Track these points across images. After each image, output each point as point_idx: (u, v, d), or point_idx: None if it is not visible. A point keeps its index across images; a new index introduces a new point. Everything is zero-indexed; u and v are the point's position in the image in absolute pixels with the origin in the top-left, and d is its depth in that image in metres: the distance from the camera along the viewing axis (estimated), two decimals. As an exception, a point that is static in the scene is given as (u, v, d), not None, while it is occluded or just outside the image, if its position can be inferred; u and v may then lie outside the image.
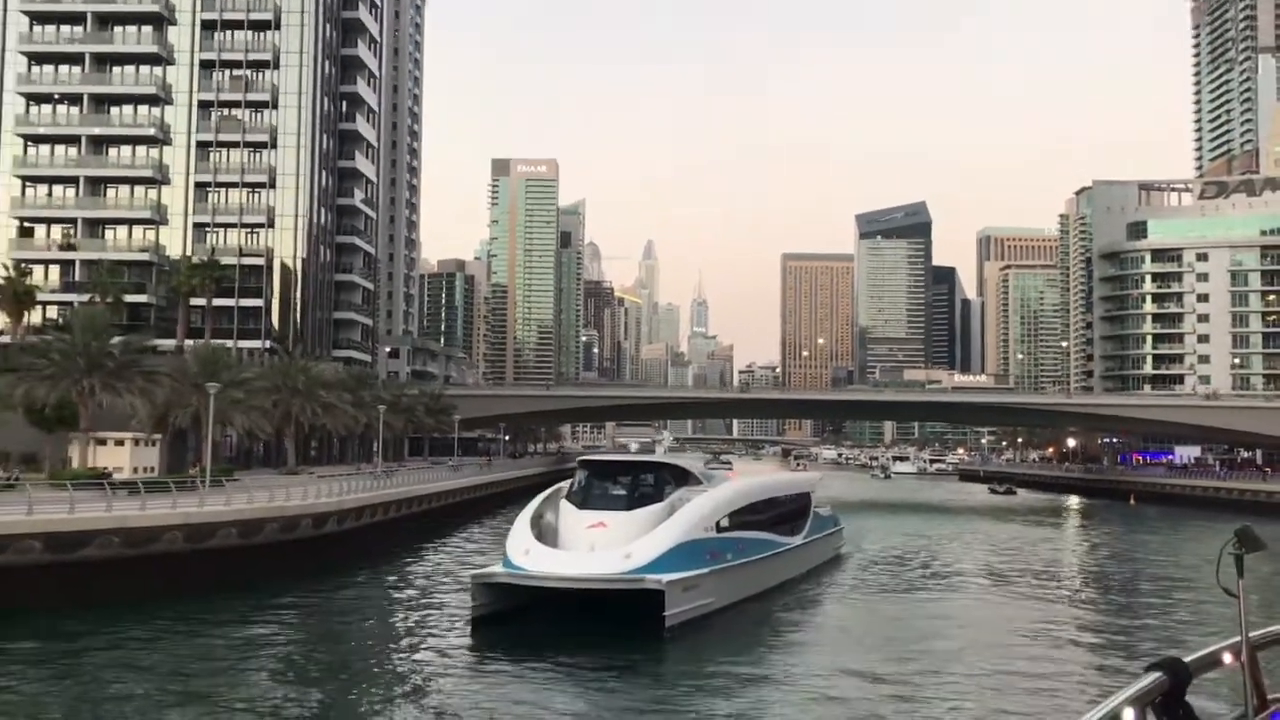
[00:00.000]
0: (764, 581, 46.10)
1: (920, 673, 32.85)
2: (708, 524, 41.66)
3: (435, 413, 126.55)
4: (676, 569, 37.27)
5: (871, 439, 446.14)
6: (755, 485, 54.04)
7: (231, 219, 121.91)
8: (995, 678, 32.58)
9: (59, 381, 60.40)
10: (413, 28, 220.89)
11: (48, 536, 45.96)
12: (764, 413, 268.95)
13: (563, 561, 38.36)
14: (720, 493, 45.65)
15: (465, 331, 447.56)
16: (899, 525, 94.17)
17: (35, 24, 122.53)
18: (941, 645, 38.25)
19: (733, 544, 43.09)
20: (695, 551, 39.34)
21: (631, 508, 41.32)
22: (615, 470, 46.33)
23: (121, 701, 29.47)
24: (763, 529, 48.20)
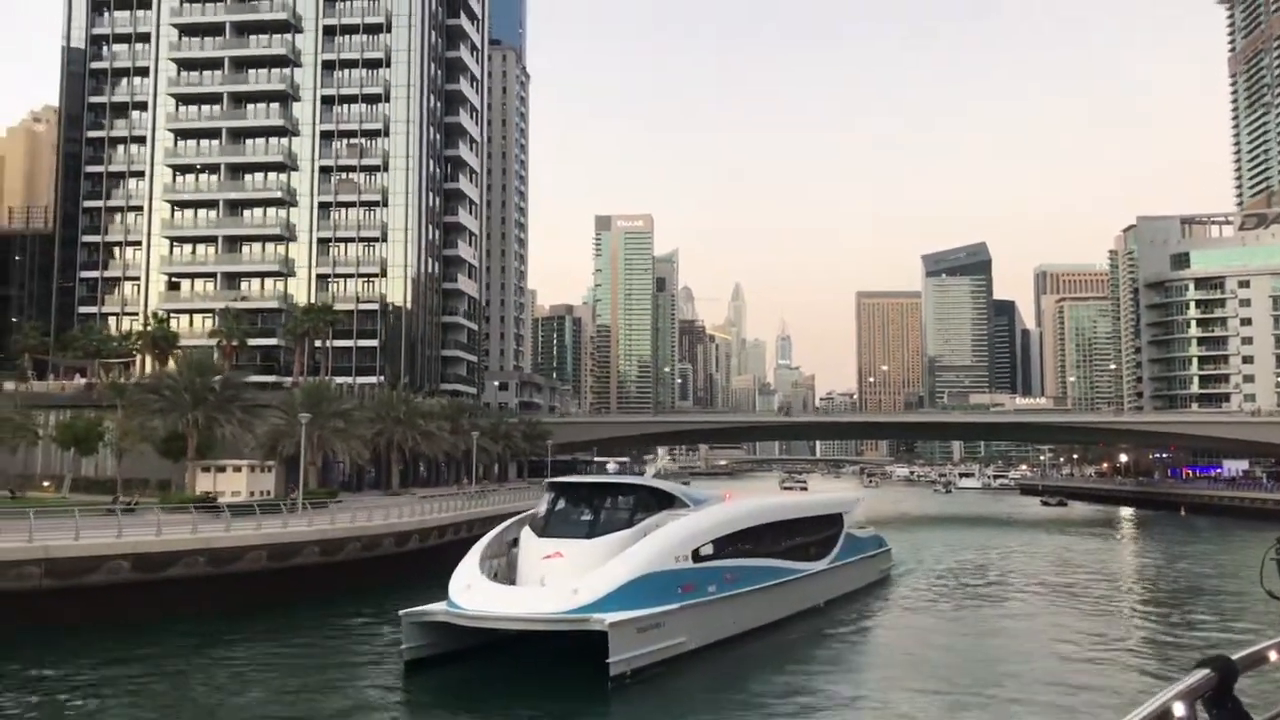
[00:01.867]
0: (767, 614, 36.87)
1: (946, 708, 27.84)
2: (681, 552, 32.31)
3: (531, 439, 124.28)
4: (633, 605, 28.98)
5: (941, 457, 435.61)
6: (755, 508, 41.73)
7: (349, 270, 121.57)
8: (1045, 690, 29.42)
9: (168, 415, 59.00)
10: (518, 100, 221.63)
11: (136, 557, 44.00)
12: (834, 434, 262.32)
13: (502, 599, 30.48)
14: (703, 518, 35.56)
15: (574, 367, 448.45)
16: (954, 538, 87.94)
17: (180, 105, 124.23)
18: (979, 669, 32.35)
19: (716, 574, 33.62)
20: (661, 585, 30.55)
21: (594, 535, 32.73)
22: (584, 493, 36.51)
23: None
24: (767, 556, 38.53)
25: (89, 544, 43.36)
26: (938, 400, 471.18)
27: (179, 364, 62.54)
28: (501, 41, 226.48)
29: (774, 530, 40.39)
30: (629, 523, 33.41)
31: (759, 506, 42.81)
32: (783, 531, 41.26)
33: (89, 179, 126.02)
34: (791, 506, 46.88)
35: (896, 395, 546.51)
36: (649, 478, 47.28)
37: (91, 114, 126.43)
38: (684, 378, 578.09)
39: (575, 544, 32.16)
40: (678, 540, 32.60)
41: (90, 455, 79.02)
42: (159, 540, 45.19)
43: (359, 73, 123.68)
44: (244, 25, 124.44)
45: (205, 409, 58.94)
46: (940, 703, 27.77)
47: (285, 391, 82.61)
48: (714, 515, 36.58)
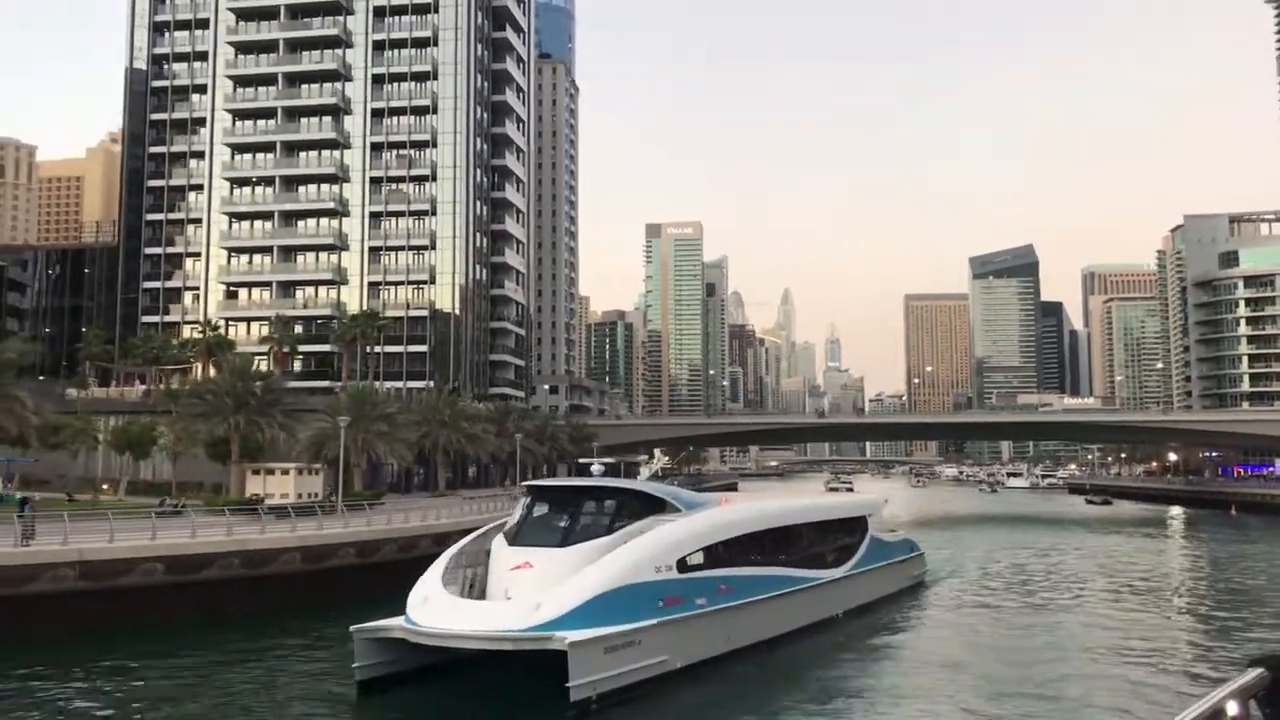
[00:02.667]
0: (771, 628, 32.55)
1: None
2: (664, 562, 28.21)
3: (577, 441, 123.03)
4: (602, 622, 25.26)
5: (990, 457, 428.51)
6: (757, 513, 36.66)
7: (400, 277, 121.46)
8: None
9: (210, 419, 58.53)
10: (567, 112, 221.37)
11: (170, 559, 43.21)
12: (876, 435, 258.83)
13: (458, 614, 26.43)
14: (693, 524, 31.05)
15: (626, 371, 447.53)
16: (998, 538, 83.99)
17: (236, 120, 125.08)
18: (1015, 673, 29.69)
19: (708, 585, 29.46)
20: (639, 598, 26.65)
21: (567, 543, 28.71)
22: (562, 497, 32.57)
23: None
24: (773, 564, 34.19)
25: (122, 546, 42.59)
26: (986, 401, 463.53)
27: (222, 369, 62.13)
28: (551, 55, 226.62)
29: (781, 536, 35.89)
30: (608, 529, 29.14)
31: (763, 511, 37.58)
32: (792, 537, 36.77)
33: (151, 193, 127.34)
34: (804, 510, 41.42)
35: (945, 396, 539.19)
36: (641, 480, 41.08)
37: (153, 131, 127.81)
38: (734, 381, 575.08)
39: (546, 553, 28.13)
40: (660, 549, 28.35)
41: (145, 459, 79.25)
42: (193, 542, 44.37)
43: (408, 85, 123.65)
44: (296, 42, 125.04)
45: (247, 413, 58.35)
46: (971, 706, 25.79)
47: (333, 396, 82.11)
48: (706, 521, 32.00)
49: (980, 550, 70.50)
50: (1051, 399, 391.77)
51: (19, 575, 39.17)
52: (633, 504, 31.14)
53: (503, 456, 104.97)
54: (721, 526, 32.43)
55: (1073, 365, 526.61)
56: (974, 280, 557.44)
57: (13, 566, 39.14)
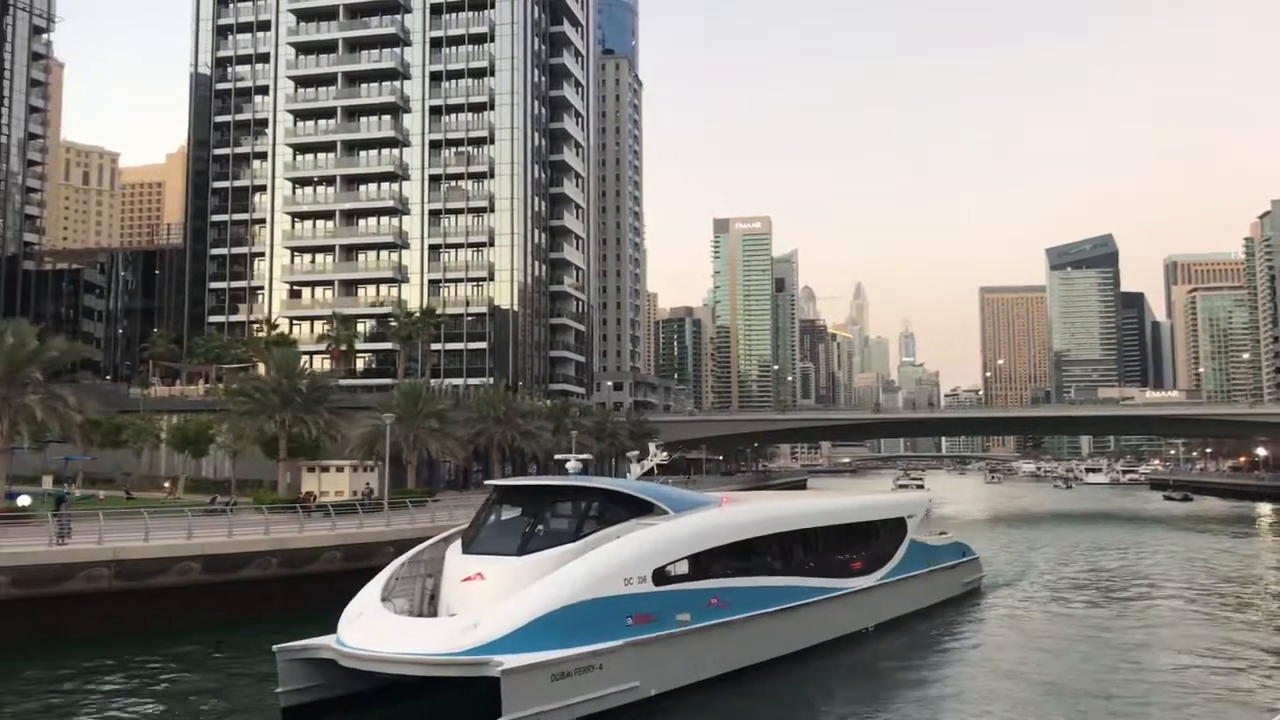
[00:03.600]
0: (779, 645, 28.66)
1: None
2: (635, 573, 24.19)
3: (638, 437, 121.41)
4: (552, 643, 21.71)
5: (1069, 452, 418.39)
6: (761, 516, 31.67)
7: (459, 275, 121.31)
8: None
9: (256, 416, 58.28)
10: (631, 108, 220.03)
11: (206, 559, 42.64)
12: (948, 430, 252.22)
13: (387, 633, 22.68)
14: (678, 528, 26.72)
15: (695, 368, 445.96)
16: (1069, 536, 79.55)
17: (297, 120, 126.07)
18: (1073, 693, 26.49)
19: (693, 599, 25.55)
20: (602, 616, 22.98)
21: (525, 551, 24.79)
22: (529, 498, 28.32)
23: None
24: (782, 573, 30.08)
25: (158, 545, 42.10)
26: (1065, 395, 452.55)
27: (269, 367, 62.13)
28: (614, 51, 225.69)
29: (794, 542, 31.55)
30: (574, 535, 25.25)
31: (772, 513, 32.66)
32: (808, 543, 32.32)
33: (216, 195, 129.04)
34: (824, 512, 35.64)
35: (1022, 390, 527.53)
36: (629, 479, 35.52)
37: (218, 133, 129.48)
38: (805, 377, 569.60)
39: (500, 563, 24.31)
40: (632, 558, 24.37)
41: (202, 457, 79.80)
42: (229, 541, 43.74)
43: (465, 82, 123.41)
44: (355, 41, 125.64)
45: (292, 410, 57.95)
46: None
47: (386, 393, 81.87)
48: (697, 525, 27.53)
49: (1048, 550, 66.41)
50: (1133, 392, 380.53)
51: (53, 574, 38.80)
52: (611, 506, 26.88)
53: (557, 452, 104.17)
54: (716, 531, 28.05)
55: (1155, 358, 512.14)
56: (1051, 271, 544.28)
57: (46, 565, 38.80)
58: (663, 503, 27.86)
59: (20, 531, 42.44)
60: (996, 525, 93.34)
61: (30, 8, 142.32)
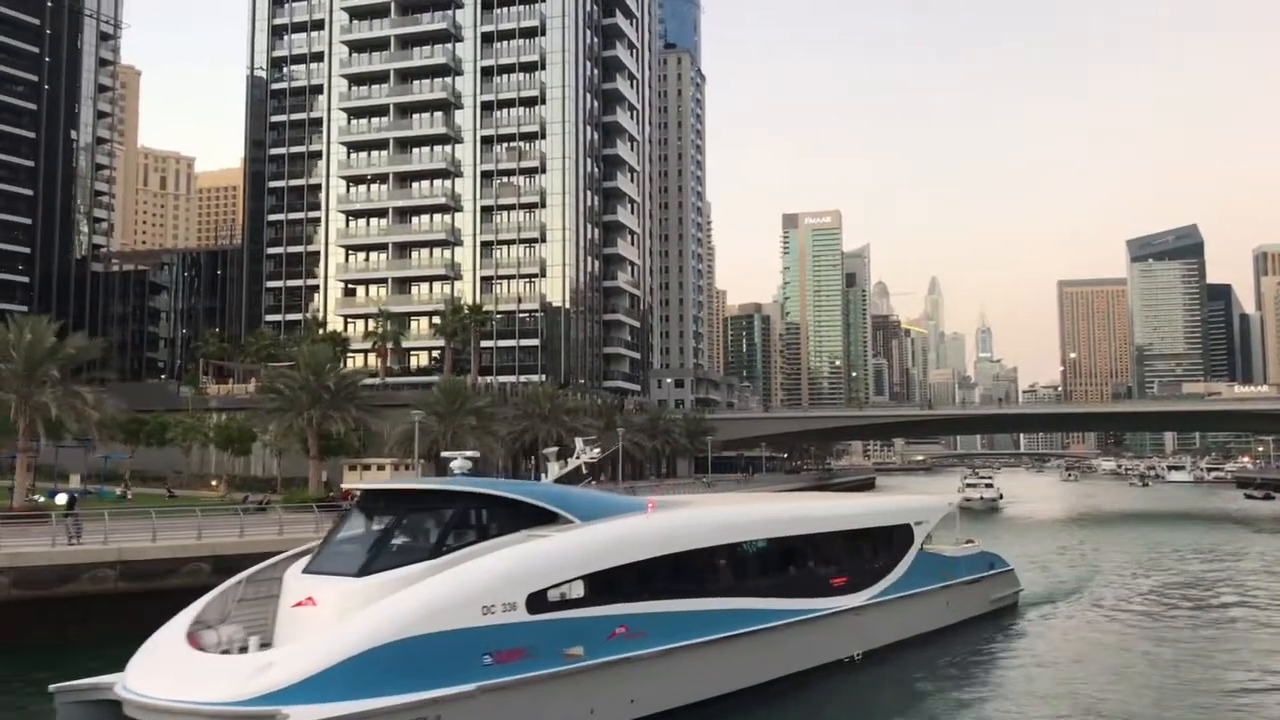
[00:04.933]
0: (717, 681, 23.37)
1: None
2: (502, 599, 19.25)
3: (693, 435, 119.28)
4: (371, 689, 17.25)
5: (1152, 450, 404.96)
6: (705, 524, 25.95)
7: (511, 271, 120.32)
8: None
9: (284, 414, 57.40)
10: (693, 102, 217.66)
11: (216, 559, 41.51)
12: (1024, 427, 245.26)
13: (173, 674, 18.15)
14: (570, 542, 21.40)
15: (764, 365, 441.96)
16: (1140, 538, 73.97)
17: (351, 118, 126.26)
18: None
19: (589, 629, 20.54)
20: (446, 653, 18.28)
21: (369, 571, 19.93)
22: (393, 505, 22.60)
23: None
24: (733, 593, 24.79)
25: (165, 545, 41.08)
26: (1147, 390, 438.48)
27: (298, 364, 61.47)
28: (675, 45, 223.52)
29: (746, 555, 26.21)
30: (432, 552, 20.41)
31: (717, 521, 26.80)
32: (768, 556, 26.89)
33: (273, 194, 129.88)
34: (797, 519, 29.80)
35: (1103, 386, 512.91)
36: (543, 482, 28.06)
37: (274, 133, 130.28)
38: (878, 373, 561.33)
39: (335, 585, 19.62)
40: (496, 579, 19.40)
41: (246, 455, 79.67)
42: (242, 541, 42.52)
43: (516, 77, 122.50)
44: (407, 38, 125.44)
45: (321, 407, 56.93)
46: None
47: (428, 390, 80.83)
48: (603, 537, 22.17)
49: (1114, 556, 60.41)
50: (1220, 387, 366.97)
51: (56, 576, 37.97)
52: (496, 515, 21.93)
53: (607, 451, 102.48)
54: (632, 544, 22.46)
55: (1244, 351, 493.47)
56: (1132, 264, 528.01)
57: (50, 567, 37.99)
58: (566, 509, 22.58)
59: (40, 531, 41.83)
60: (1062, 526, 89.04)
61: (97, 14, 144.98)
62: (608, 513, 23.64)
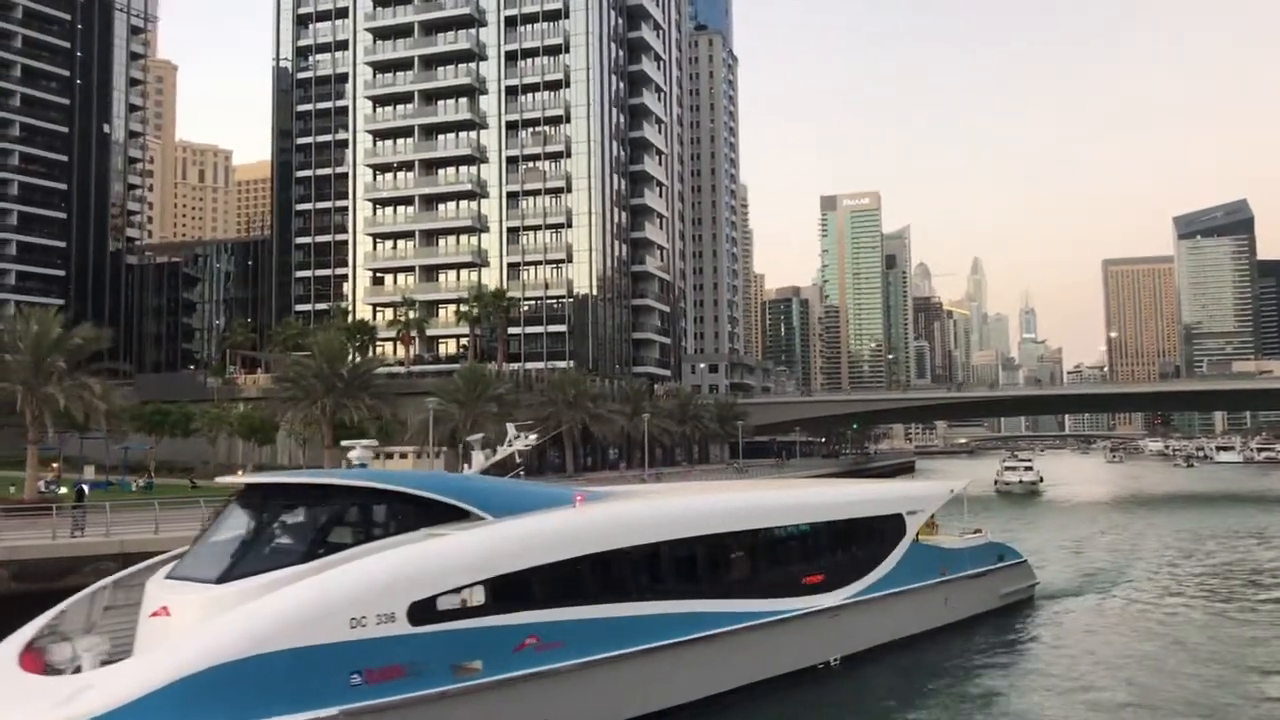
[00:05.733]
0: (656, 695, 20.74)
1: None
2: (378, 609, 16.63)
3: (724, 420, 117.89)
4: (208, 716, 14.89)
5: (1201, 430, 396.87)
6: (632, 518, 22.72)
7: (538, 257, 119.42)
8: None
9: (299, 403, 56.89)
10: (725, 84, 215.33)
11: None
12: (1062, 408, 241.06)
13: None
14: (470, 542, 18.67)
15: (803, 348, 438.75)
16: (1181, 523, 70.88)
17: (376, 106, 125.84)
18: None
19: (489, 640, 17.82)
20: (306, 672, 15.78)
21: (230, 577, 17.32)
22: (274, 501, 19.52)
23: None
24: (668, 595, 21.69)
25: (169, 538, 40.41)
26: (1196, 369, 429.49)
27: (315, 353, 60.91)
28: (707, 26, 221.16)
29: (694, 552, 22.95)
30: (305, 555, 17.67)
31: (659, 514, 23.42)
32: (721, 553, 23.66)
33: (300, 184, 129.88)
34: (758, 510, 26.14)
35: (1150, 366, 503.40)
36: (466, 473, 25.61)
37: (300, 122, 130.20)
38: (920, 356, 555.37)
39: (193, 593, 17.13)
40: (372, 586, 16.77)
41: (269, 444, 79.52)
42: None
43: (541, 60, 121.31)
44: (431, 24, 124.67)
45: (334, 396, 56.38)
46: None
47: (450, 378, 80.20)
48: (514, 536, 19.37)
49: (1150, 541, 57.73)
50: (1272, 365, 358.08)
51: (57, 568, 37.59)
52: (391, 511, 19.17)
53: (638, 437, 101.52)
54: (551, 542, 19.70)
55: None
56: (1179, 241, 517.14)
57: (51, 559, 37.63)
58: (476, 504, 19.82)
59: (47, 523, 41.46)
60: (1100, 510, 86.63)
61: (128, 8, 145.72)
62: (527, 507, 20.87)
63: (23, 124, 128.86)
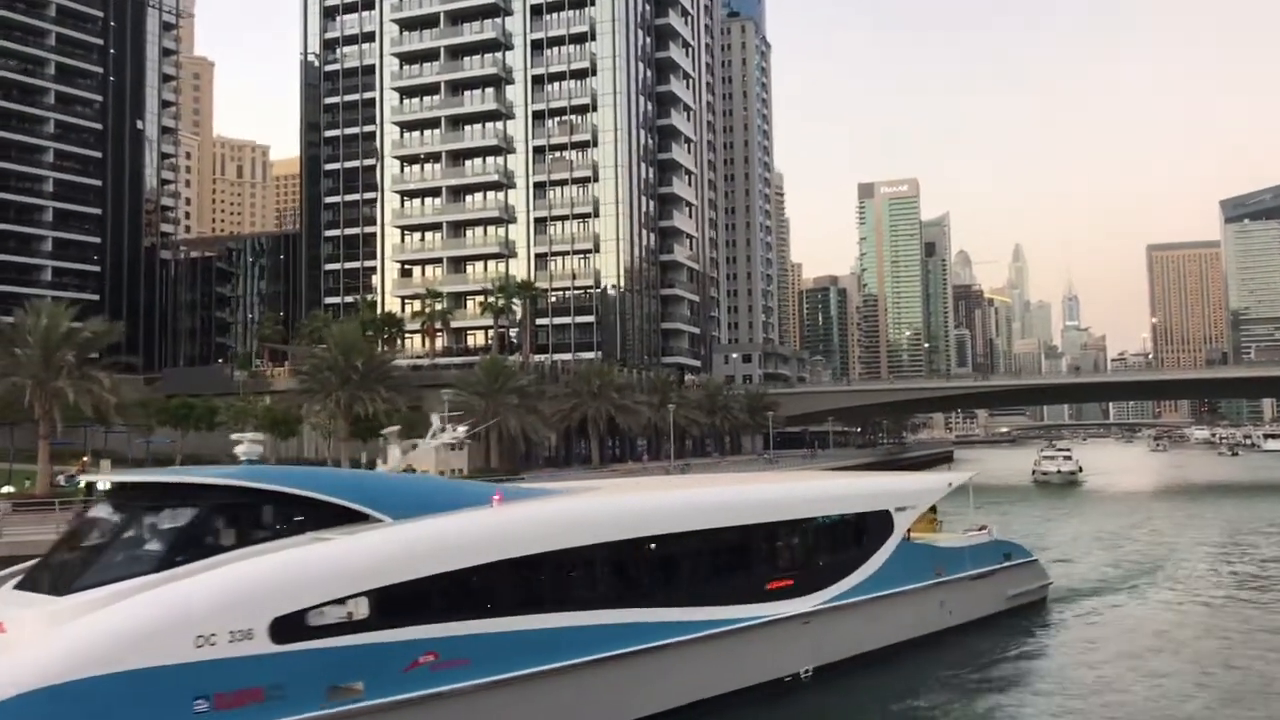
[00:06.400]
0: (593, 713, 18.69)
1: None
2: (231, 625, 14.35)
3: (754, 411, 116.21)
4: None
5: (1250, 418, 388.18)
6: (559, 518, 20.05)
7: (565, 248, 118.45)
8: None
9: (315, 395, 56.32)
10: (758, 71, 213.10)
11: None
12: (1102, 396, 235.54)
13: None
14: (355, 547, 16.29)
15: (841, 337, 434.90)
16: (1223, 515, 68.13)
17: (403, 98, 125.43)
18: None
19: (374, 658, 15.56)
20: (140, 700, 13.64)
21: (74, 588, 15.19)
22: (137, 501, 16.98)
23: None
24: (601, 603, 19.22)
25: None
26: (1243, 355, 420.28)
27: (330, 345, 60.32)
28: (739, 13, 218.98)
29: (637, 556, 20.48)
30: (165, 561, 15.47)
31: (593, 513, 20.82)
32: (670, 556, 21.15)
33: (329, 177, 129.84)
34: (722, 509, 23.47)
35: (1196, 353, 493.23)
36: (382, 469, 23.03)
37: (328, 115, 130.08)
38: (961, 344, 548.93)
39: (35, 606, 15.06)
40: (217, 602, 14.57)
41: (290, 438, 79.20)
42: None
43: (567, 49, 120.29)
44: (457, 14, 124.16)
45: (350, 389, 55.72)
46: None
47: (470, 370, 79.43)
48: (409, 540, 17.02)
49: (1188, 534, 54.76)
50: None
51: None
52: (271, 514, 16.91)
53: (666, 428, 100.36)
54: (453, 547, 17.21)
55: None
56: (1226, 225, 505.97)
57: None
58: (373, 505, 17.50)
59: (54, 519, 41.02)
60: (1139, 501, 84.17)
61: (160, 4, 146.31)
62: (434, 508, 18.34)
63: (57, 121, 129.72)
